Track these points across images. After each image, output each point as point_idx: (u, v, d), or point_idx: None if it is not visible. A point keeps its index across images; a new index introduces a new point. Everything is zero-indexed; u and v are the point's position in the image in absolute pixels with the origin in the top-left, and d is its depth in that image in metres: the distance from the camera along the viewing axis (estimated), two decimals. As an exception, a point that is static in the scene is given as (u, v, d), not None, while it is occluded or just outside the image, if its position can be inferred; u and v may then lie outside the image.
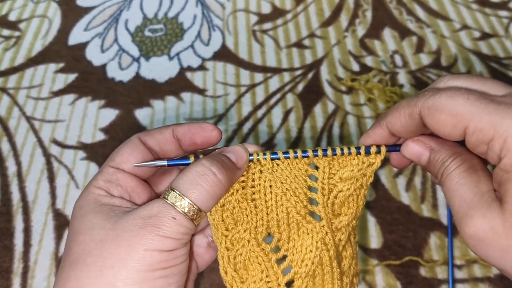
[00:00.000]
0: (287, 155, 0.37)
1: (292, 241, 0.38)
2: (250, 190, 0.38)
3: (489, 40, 0.77)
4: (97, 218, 0.34)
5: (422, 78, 0.71)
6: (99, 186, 0.36)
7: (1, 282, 0.53)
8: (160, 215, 0.33)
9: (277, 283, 0.37)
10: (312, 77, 0.72)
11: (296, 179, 0.38)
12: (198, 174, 0.34)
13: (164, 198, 0.34)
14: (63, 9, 0.86)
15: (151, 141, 0.39)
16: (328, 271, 0.37)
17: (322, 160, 0.37)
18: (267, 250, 0.38)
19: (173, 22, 0.83)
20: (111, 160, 0.38)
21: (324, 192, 0.37)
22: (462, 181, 0.32)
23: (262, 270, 0.37)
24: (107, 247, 0.32)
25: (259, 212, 0.38)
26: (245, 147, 0.38)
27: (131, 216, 0.33)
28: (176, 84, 0.72)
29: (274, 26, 0.82)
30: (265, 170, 0.38)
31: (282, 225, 0.38)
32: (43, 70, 0.75)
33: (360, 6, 0.84)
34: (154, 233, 0.32)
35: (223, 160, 0.36)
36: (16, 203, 0.59)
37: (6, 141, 0.66)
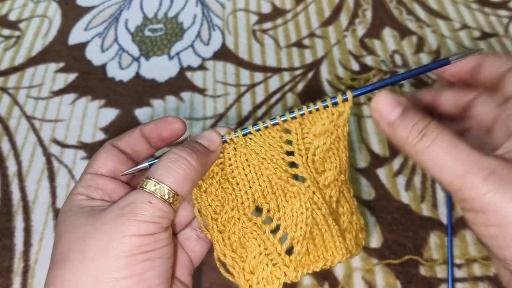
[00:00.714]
0: (257, 127, 0.38)
1: (282, 208, 0.38)
2: (229, 169, 0.38)
3: (489, 39, 0.77)
4: (79, 219, 0.35)
5: (422, 77, 0.71)
6: (80, 192, 0.38)
7: (1, 281, 0.53)
8: (136, 202, 0.34)
9: (277, 253, 0.37)
10: (312, 76, 0.72)
11: (271, 147, 0.38)
12: (170, 161, 0.36)
13: (141, 187, 0.35)
14: (63, 8, 0.86)
15: (122, 144, 0.41)
16: (326, 230, 0.37)
17: (293, 123, 0.37)
18: (259, 223, 0.38)
19: (173, 22, 0.83)
20: (88, 168, 0.40)
21: (301, 152, 0.37)
22: (452, 146, 0.31)
23: (259, 243, 0.37)
24: (88, 241, 0.33)
25: (242, 187, 0.38)
26: (217, 131, 0.38)
27: (109, 209, 0.34)
28: (176, 84, 0.72)
29: (274, 26, 0.82)
30: (239, 146, 0.38)
31: (268, 194, 0.38)
32: (43, 70, 0.75)
33: (360, 6, 0.85)
34: (132, 219, 0.33)
35: (194, 146, 0.37)
36: (17, 202, 0.59)
37: (6, 140, 0.66)
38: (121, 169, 0.41)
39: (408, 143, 0.33)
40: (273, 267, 0.36)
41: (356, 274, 0.52)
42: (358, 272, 0.52)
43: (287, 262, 0.36)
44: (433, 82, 0.71)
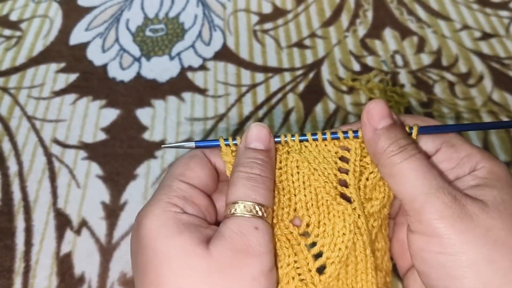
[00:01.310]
0: (315, 137, 0.36)
1: (322, 225, 0.36)
2: (278, 172, 0.37)
3: (490, 40, 0.77)
4: (187, 242, 0.31)
5: (422, 78, 0.71)
6: (175, 203, 0.33)
7: (2, 281, 0.53)
8: (244, 231, 0.31)
9: (308, 268, 0.35)
10: (313, 77, 0.72)
11: (325, 159, 0.36)
12: (244, 179, 0.33)
13: (232, 214, 0.32)
14: (64, 9, 0.86)
15: (215, 158, 0.37)
16: (362, 259, 0.35)
17: (354, 142, 0.36)
18: (295, 233, 0.36)
19: (174, 22, 0.83)
20: (180, 175, 0.35)
21: (355, 174, 0.36)
22: (426, 168, 0.32)
23: (290, 254, 0.35)
24: (215, 279, 0.30)
25: (287, 193, 0.36)
26: (264, 125, 0.36)
27: (221, 240, 0.31)
28: (177, 84, 0.72)
29: (275, 26, 0.82)
30: (293, 150, 0.37)
31: (311, 207, 0.36)
32: (44, 70, 0.75)
33: (361, 6, 0.85)
34: (252, 254, 0.31)
35: (255, 156, 0.35)
36: (17, 202, 0.59)
37: (7, 140, 0.66)
38: (213, 186, 0.37)
39: (386, 154, 0.33)
40: (299, 282, 0.34)
41: (357, 275, 0.52)
42: (359, 272, 0.52)
43: (315, 281, 0.34)
44: (433, 82, 0.71)
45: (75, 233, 0.56)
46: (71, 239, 0.56)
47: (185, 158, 0.37)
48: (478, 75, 0.72)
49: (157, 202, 0.33)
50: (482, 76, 0.71)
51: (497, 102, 0.68)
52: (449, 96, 0.69)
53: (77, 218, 0.58)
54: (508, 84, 0.70)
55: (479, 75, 0.72)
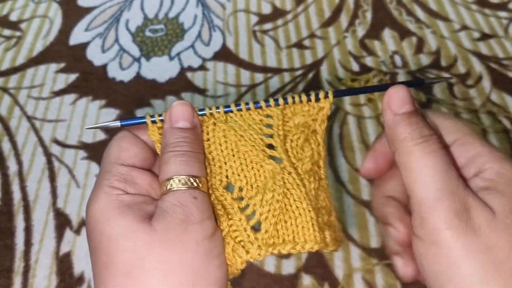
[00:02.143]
0: (239, 107, 0.38)
1: (255, 188, 0.37)
2: (206, 144, 0.38)
3: (488, 40, 0.77)
4: (130, 221, 0.32)
5: (420, 76, 0.72)
6: (115, 186, 0.34)
7: (2, 281, 0.53)
8: (184, 203, 0.32)
9: (243, 228, 0.36)
10: (312, 77, 0.73)
11: (250, 127, 0.38)
12: (175, 156, 0.34)
13: (169, 190, 0.33)
14: (64, 9, 0.86)
15: (143, 135, 0.38)
16: (300, 213, 0.36)
17: (275, 109, 0.38)
18: (229, 198, 0.37)
19: (173, 23, 0.83)
20: (117, 158, 0.36)
21: (280, 136, 0.38)
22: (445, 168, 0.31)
23: (224, 220, 0.36)
24: (160, 250, 0.31)
25: (217, 162, 0.38)
26: (186, 103, 0.37)
27: (164, 214, 0.32)
28: (176, 84, 0.73)
29: (275, 27, 0.82)
30: (219, 121, 0.38)
31: (241, 172, 0.38)
32: (44, 70, 0.75)
33: (360, 7, 0.85)
34: (193, 223, 0.32)
35: (180, 135, 0.35)
36: (17, 202, 0.59)
37: (7, 140, 0.66)
38: (152, 160, 0.38)
39: (405, 141, 0.32)
40: (236, 244, 0.35)
41: (356, 274, 0.52)
42: (358, 272, 0.52)
43: (252, 239, 0.35)
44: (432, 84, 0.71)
45: (75, 233, 0.57)
46: (70, 238, 0.56)
47: (115, 141, 0.37)
48: (477, 75, 0.72)
49: (99, 188, 0.34)
50: (481, 77, 0.72)
51: (495, 103, 0.68)
52: (448, 96, 0.69)
53: (76, 217, 0.58)
54: (507, 84, 0.70)
55: (478, 75, 0.72)
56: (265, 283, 0.52)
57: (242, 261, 0.34)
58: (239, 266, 0.35)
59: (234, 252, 0.35)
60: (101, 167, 0.37)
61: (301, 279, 0.52)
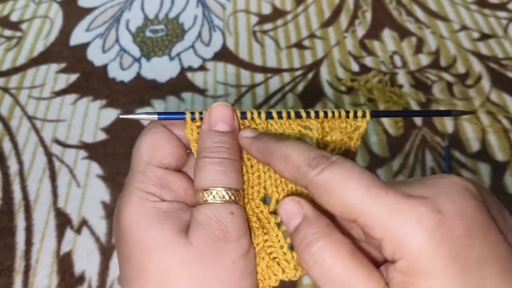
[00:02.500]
0: (280, 115, 0.37)
1: None
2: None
3: (488, 40, 0.77)
4: (166, 231, 0.30)
5: (421, 78, 0.72)
6: (152, 192, 0.32)
7: (3, 280, 0.53)
8: (220, 218, 0.31)
9: (279, 245, 0.34)
10: (312, 77, 0.73)
11: (290, 137, 0.37)
12: (213, 164, 0.32)
13: (205, 202, 0.32)
14: (64, 9, 0.86)
15: (176, 130, 0.35)
16: None
17: (315, 121, 0.37)
18: (265, 211, 0.36)
19: (174, 23, 0.83)
20: (152, 158, 0.34)
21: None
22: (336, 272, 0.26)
23: (259, 234, 0.35)
24: (196, 267, 0.30)
25: (255, 171, 0.36)
26: (227, 105, 0.35)
27: (199, 228, 0.31)
28: (177, 84, 0.73)
29: (274, 27, 0.82)
30: (259, 128, 0.37)
31: (280, 184, 0.36)
32: (45, 70, 0.75)
33: (360, 7, 0.85)
34: (229, 240, 0.31)
35: (220, 139, 0.34)
36: (18, 202, 0.60)
37: (8, 140, 0.66)
38: (185, 158, 0.36)
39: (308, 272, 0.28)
40: (271, 261, 0.34)
41: (355, 273, 0.52)
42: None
43: (288, 258, 0.34)
44: (431, 83, 0.71)
45: (75, 232, 0.57)
46: (71, 238, 0.56)
47: (148, 136, 0.34)
48: (476, 75, 0.72)
49: (134, 191, 0.32)
50: (480, 77, 0.72)
51: (495, 103, 0.68)
52: (448, 96, 0.69)
53: (77, 217, 0.58)
54: (506, 84, 0.71)
55: (477, 75, 0.72)
56: (265, 282, 0.52)
57: (277, 279, 0.34)
58: (272, 283, 0.34)
59: (269, 269, 0.34)
60: (132, 164, 0.34)
61: (301, 278, 0.53)
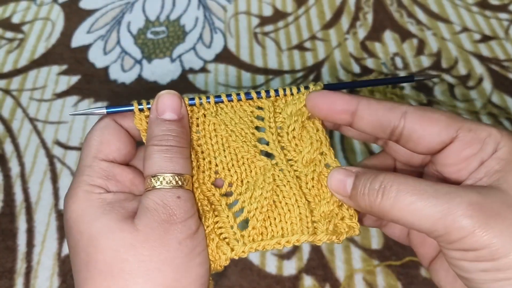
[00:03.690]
0: (230, 98, 0.37)
1: (245, 184, 0.36)
2: (196, 136, 0.37)
3: (489, 42, 0.77)
4: (111, 220, 0.32)
5: (422, 80, 0.72)
6: (97, 185, 0.34)
7: (4, 282, 0.53)
8: (167, 202, 0.32)
9: (230, 225, 0.35)
10: (313, 79, 0.73)
11: (241, 120, 0.37)
12: (160, 152, 0.33)
13: (153, 187, 0.33)
14: (66, 11, 0.86)
15: (127, 122, 0.36)
16: (290, 209, 0.35)
17: (266, 101, 0.37)
18: (217, 194, 0.36)
19: (175, 25, 0.84)
20: (98, 152, 0.35)
21: (272, 130, 0.37)
22: (420, 187, 0.29)
23: (210, 216, 0.35)
24: (142, 250, 0.30)
25: (206, 156, 0.37)
26: (174, 93, 0.35)
27: (146, 213, 0.32)
28: (178, 86, 0.73)
29: (276, 29, 0.82)
30: (209, 113, 0.37)
31: (232, 167, 0.37)
32: (46, 72, 0.75)
33: (361, 9, 0.85)
34: (176, 222, 0.31)
35: (167, 128, 0.34)
36: (19, 204, 0.60)
37: (9, 142, 0.66)
38: (133, 151, 0.37)
39: (374, 207, 0.31)
40: (221, 241, 0.34)
41: (357, 275, 0.52)
42: (359, 273, 0.53)
43: (237, 237, 0.34)
44: (433, 85, 0.71)
45: (77, 234, 0.57)
46: (72, 240, 0.56)
47: (96, 131, 0.36)
48: (477, 77, 0.72)
49: (80, 184, 0.33)
50: (482, 78, 0.72)
51: (496, 104, 0.68)
52: (449, 98, 0.69)
53: (78, 219, 0.58)
54: (508, 86, 0.70)
55: (479, 77, 0.72)
56: (267, 284, 0.52)
57: (226, 258, 0.34)
58: (223, 262, 0.34)
59: (218, 249, 0.34)
60: (80, 158, 0.35)
61: (302, 280, 0.53)
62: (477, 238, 0.28)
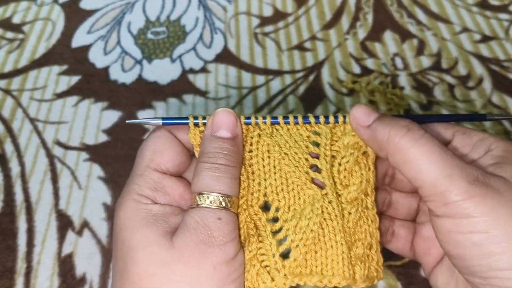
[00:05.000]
0: (287, 120, 0.36)
1: (292, 210, 0.35)
2: (248, 155, 0.36)
3: (489, 42, 0.77)
4: (151, 233, 0.31)
5: (422, 80, 0.72)
6: (146, 195, 0.34)
7: (4, 282, 0.53)
8: (207, 222, 0.31)
9: (272, 254, 0.34)
10: (314, 79, 0.73)
11: (296, 144, 0.36)
12: (209, 170, 0.33)
13: (197, 205, 0.32)
14: (66, 12, 0.86)
15: (182, 134, 0.36)
16: (332, 246, 0.34)
17: (324, 127, 0.36)
18: (263, 219, 0.36)
19: (175, 25, 0.84)
20: (151, 161, 0.35)
21: (326, 158, 0.36)
22: (440, 148, 0.31)
23: (254, 241, 0.34)
24: (175, 269, 0.30)
25: (256, 177, 0.36)
26: (231, 111, 0.35)
27: (185, 231, 0.31)
28: (178, 86, 0.73)
29: (276, 29, 0.82)
30: (264, 134, 0.36)
31: (281, 192, 0.36)
32: (47, 72, 0.75)
33: (361, 9, 0.85)
34: (213, 244, 0.31)
35: (220, 146, 0.34)
36: (20, 203, 0.60)
37: (9, 142, 0.66)
38: (187, 162, 0.37)
39: (391, 140, 0.32)
40: (262, 269, 0.33)
41: (357, 276, 0.52)
42: (359, 273, 0.53)
43: (279, 267, 0.33)
44: (433, 85, 0.71)
45: (77, 234, 0.57)
46: (72, 240, 0.56)
47: (151, 140, 0.36)
48: (477, 77, 0.72)
49: (129, 193, 0.34)
50: (482, 79, 0.72)
51: (496, 105, 0.68)
52: (449, 98, 0.69)
53: (78, 219, 0.58)
54: (508, 86, 0.71)
55: (479, 77, 0.72)
56: (266, 285, 0.52)
57: (265, 287, 0.33)
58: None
59: (259, 276, 0.33)
60: (134, 166, 0.35)
61: (302, 280, 0.53)
62: (474, 204, 0.29)
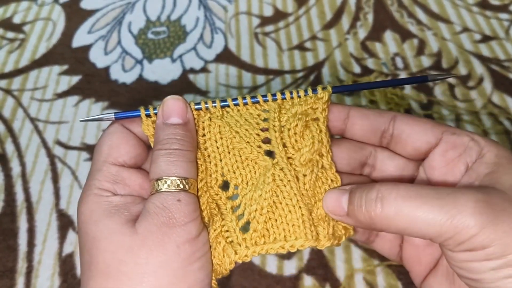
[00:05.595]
0: (236, 101, 0.37)
1: (250, 185, 0.36)
2: (202, 139, 0.37)
3: (489, 42, 0.77)
4: (113, 223, 0.32)
5: (423, 80, 0.72)
6: (105, 188, 0.35)
7: (5, 281, 0.53)
8: (167, 205, 0.32)
9: (233, 229, 0.35)
10: (314, 79, 0.73)
11: (246, 122, 0.37)
12: (165, 156, 0.34)
13: (156, 191, 0.33)
14: (67, 12, 0.86)
15: (136, 128, 0.37)
16: (290, 210, 0.35)
17: (273, 104, 0.38)
18: (223, 197, 0.37)
19: (176, 25, 0.84)
20: (108, 156, 0.36)
21: (275, 128, 0.37)
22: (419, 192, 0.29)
23: (217, 219, 0.35)
24: (139, 253, 0.31)
25: (212, 159, 0.37)
26: (180, 98, 0.36)
27: (146, 217, 0.32)
28: (178, 86, 0.73)
29: (276, 29, 0.82)
30: (214, 117, 0.37)
31: (237, 169, 0.37)
32: (47, 72, 0.76)
33: (362, 9, 0.85)
34: (176, 225, 0.32)
35: (172, 132, 0.35)
36: (20, 203, 0.60)
37: (10, 142, 0.66)
38: (145, 154, 0.37)
39: (375, 219, 0.31)
40: (227, 244, 0.34)
41: (357, 275, 0.52)
42: (359, 273, 0.53)
43: (240, 240, 0.34)
44: (433, 85, 0.71)
45: (77, 234, 0.57)
46: (73, 239, 0.56)
47: (106, 136, 0.36)
48: (478, 77, 0.72)
49: (89, 188, 0.35)
50: (482, 78, 0.72)
51: (497, 104, 0.68)
52: (449, 98, 0.69)
53: (79, 219, 0.58)
54: (508, 86, 0.71)
55: (479, 77, 0.72)
56: (267, 284, 0.52)
57: (230, 262, 0.34)
58: (227, 266, 0.34)
59: (224, 252, 0.34)
60: (92, 163, 0.36)
61: (302, 280, 0.53)
62: (488, 234, 0.28)
